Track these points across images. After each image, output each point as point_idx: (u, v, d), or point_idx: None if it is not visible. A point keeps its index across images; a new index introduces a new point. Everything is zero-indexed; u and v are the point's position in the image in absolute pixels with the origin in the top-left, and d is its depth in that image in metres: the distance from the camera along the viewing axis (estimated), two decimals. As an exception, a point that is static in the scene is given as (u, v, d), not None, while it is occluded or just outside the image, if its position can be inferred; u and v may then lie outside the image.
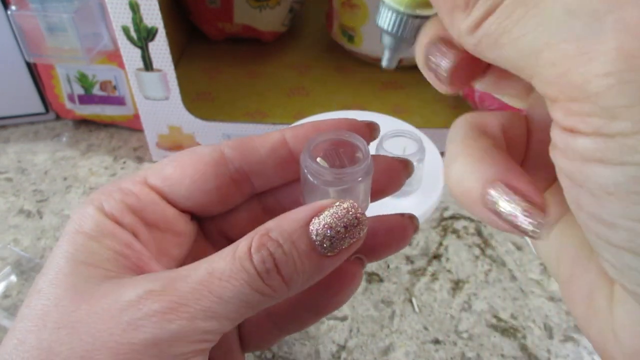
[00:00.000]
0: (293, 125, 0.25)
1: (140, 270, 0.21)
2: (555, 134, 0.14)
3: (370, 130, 0.25)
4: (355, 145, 0.22)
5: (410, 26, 0.19)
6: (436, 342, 0.37)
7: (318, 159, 0.22)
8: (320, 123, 0.24)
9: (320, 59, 0.62)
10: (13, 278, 0.41)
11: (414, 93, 0.56)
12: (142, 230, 0.22)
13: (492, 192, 0.16)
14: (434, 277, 0.41)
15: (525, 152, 0.20)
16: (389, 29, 0.19)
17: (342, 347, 0.37)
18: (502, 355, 0.36)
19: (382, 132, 0.42)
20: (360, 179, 0.21)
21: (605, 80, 0.12)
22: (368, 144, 0.24)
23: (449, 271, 0.42)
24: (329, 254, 0.20)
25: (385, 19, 0.19)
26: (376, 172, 0.23)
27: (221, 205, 0.25)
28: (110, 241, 0.21)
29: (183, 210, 0.24)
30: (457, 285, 0.41)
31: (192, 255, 0.25)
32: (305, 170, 0.21)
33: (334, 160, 0.23)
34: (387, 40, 0.20)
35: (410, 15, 0.19)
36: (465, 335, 0.37)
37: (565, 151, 0.14)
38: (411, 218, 0.25)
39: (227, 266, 0.19)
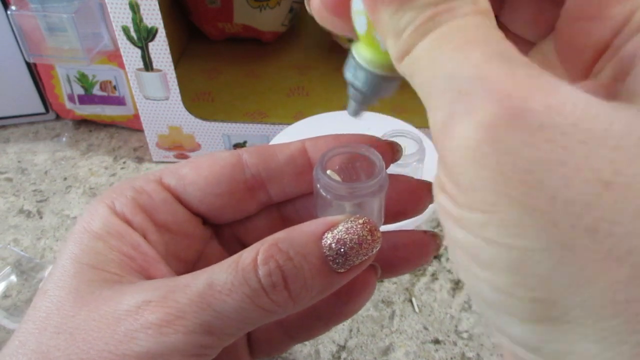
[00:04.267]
0: (314, 136, 0.24)
1: (146, 272, 0.21)
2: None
3: (391, 149, 0.24)
4: (371, 159, 0.22)
5: (380, 87, 0.19)
6: (436, 342, 0.37)
7: (330, 172, 0.21)
8: (340, 136, 0.24)
9: (320, 59, 0.62)
10: (13, 278, 0.41)
11: (414, 93, 0.55)
12: (152, 231, 0.22)
13: None
14: (434, 277, 0.41)
15: None
16: (359, 87, 0.19)
17: (342, 347, 0.37)
18: (502, 356, 0.36)
19: (382, 132, 0.42)
20: (373, 193, 0.21)
21: (458, 160, 0.13)
22: (389, 164, 0.23)
23: (449, 271, 0.42)
24: (340, 270, 0.19)
25: (356, 76, 0.19)
26: (398, 193, 0.23)
27: (233, 212, 0.24)
28: (117, 242, 0.21)
29: (195, 213, 0.24)
30: (457, 285, 0.41)
31: (205, 260, 0.24)
32: (318, 185, 0.21)
33: (350, 174, 0.22)
34: (354, 94, 0.20)
35: (381, 77, 0.19)
36: (465, 335, 0.37)
37: (438, 205, 0.15)
38: (434, 236, 0.25)
39: (228, 278, 0.18)
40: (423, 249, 0.24)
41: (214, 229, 0.25)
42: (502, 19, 0.20)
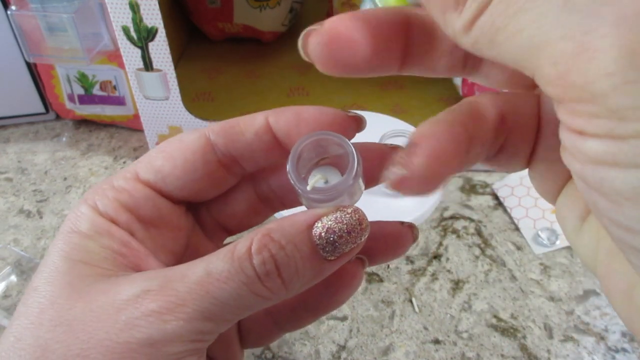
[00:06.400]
0: (276, 108, 0.24)
1: (139, 268, 0.21)
2: (564, 135, 0.13)
3: (355, 123, 0.23)
4: (340, 143, 0.21)
5: None
6: (436, 342, 0.37)
7: (309, 183, 0.21)
8: (303, 110, 0.23)
9: (320, 59, 0.62)
10: (13, 278, 0.41)
11: (414, 93, 0.56)
12: (138, 228, 0.22)
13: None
14: (434, 277, 0.41)
15: (539, 131, 0.19)
16: None
17: (342, 347, 0.37)
18: (502, 355, 0.36)
19: (382, 132, 0.42)
20: (353, 184, 0.21)
21: (610, 80, 0.11)
22: (352, 136, 0.23)
23: (449, 271, 0.42)
24: (329, 257, 0.19)
25: None
26: (369, 161, 0.22)
27: (214, 190, 0.24)
28: (107, 240, 0.21)
29: (177, 201, 0.24)
30: (457, 285, 0.41)
31: (192, 250, 0.25)
32: (299, 192, 0.21)
33: (321, 152, 0.22)
34: None
35: None
36: (465, 335, 0.37)
37: (575, 154, 0.13)
38: (411, 227, 0.25)
39: (225, 267, 0.19)
40: (400, 240, 0.25)
41: (196, 217, 0.26)
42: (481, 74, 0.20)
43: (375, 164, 0.24)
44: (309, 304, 0.25)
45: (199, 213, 0.26)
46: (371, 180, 0.24)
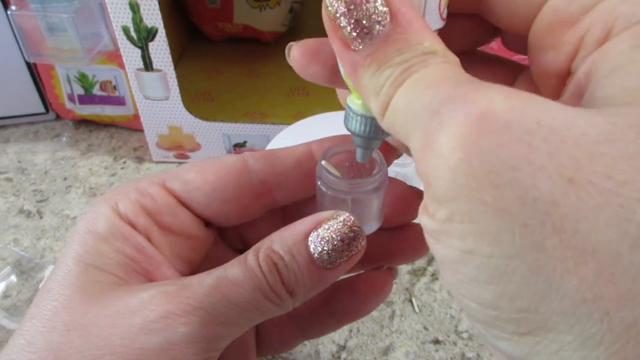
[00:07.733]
0: (320, 138, 0.25)
1: (150, 276, 0.21)
2: (420, 212, 0.16)
3: (392, 147, 0.24)
4: (373, 158, 0.22)
5: (377, 127, 0.19)
6: (436, 342, 0.37)
7: (331, 168, 0.22)
8: (347, 137, 0.24)
9: (320, 59, 0.62)
10: (13, 278, 0.41)
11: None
12: (156, 234, 0.22)
13: None
14: (434, 277, 0.41)
15: None
16: (357, 132, 0.20)
17: (342, 347, 0.37)
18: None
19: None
20: (372, 190, 0.21)
21: (435, 172, 0.14)
22: (390, 161, 0.24)
23: (449, 271, 0.42)
24: (328, 266, 0.20)
25: (353, 123, 0.20)
26: (389, 196, 0.23)
27: (238, 217, 0.24)
28: (122, 244, 0.21)
29: (199, 217, 0.24)
30: (457, 285, 0.41)
31: (210, 261, 0.24)
32: (319, 182, 0.21)
33: (353, 172, 0.23)
34: (357, 140, 0.20)
35: (374, 118, 0.19)
36: (465, 335, 0.38)
37: (422, 226, 0.16)
38: None
39: (240, 272, 0.19)
40: (422, 242, 0.25)
41: (218, 229, 0.25)
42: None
43: (394, 201, 0.24)
44: (336, 310, 0.25)
45: (225, 228, 0.25)
46: (390, 219, 0.24)
